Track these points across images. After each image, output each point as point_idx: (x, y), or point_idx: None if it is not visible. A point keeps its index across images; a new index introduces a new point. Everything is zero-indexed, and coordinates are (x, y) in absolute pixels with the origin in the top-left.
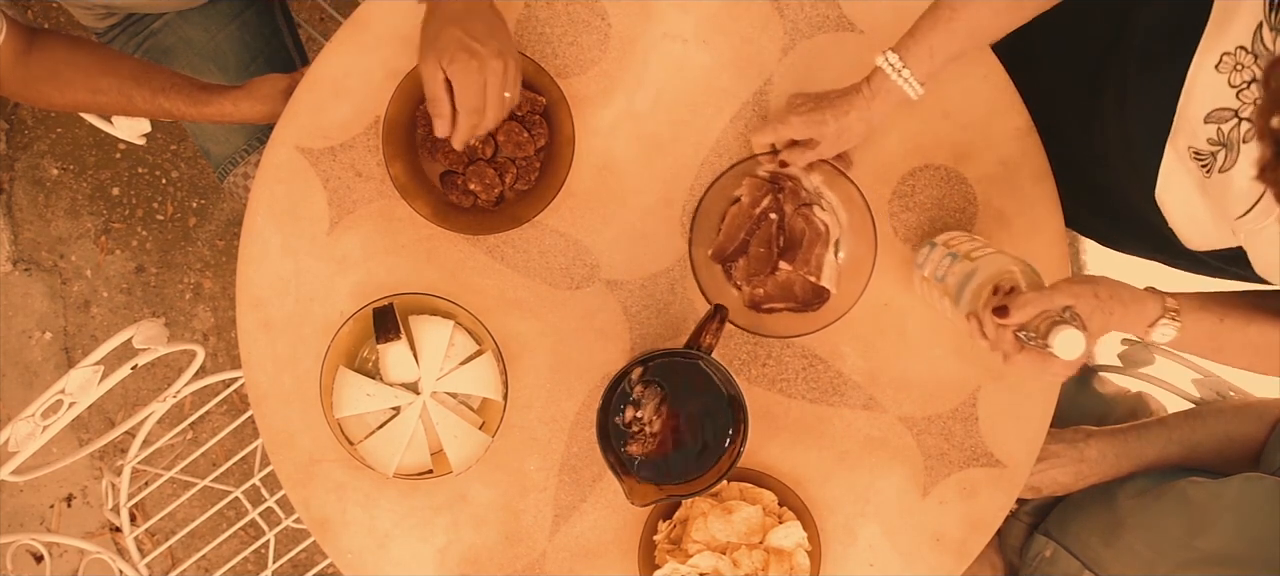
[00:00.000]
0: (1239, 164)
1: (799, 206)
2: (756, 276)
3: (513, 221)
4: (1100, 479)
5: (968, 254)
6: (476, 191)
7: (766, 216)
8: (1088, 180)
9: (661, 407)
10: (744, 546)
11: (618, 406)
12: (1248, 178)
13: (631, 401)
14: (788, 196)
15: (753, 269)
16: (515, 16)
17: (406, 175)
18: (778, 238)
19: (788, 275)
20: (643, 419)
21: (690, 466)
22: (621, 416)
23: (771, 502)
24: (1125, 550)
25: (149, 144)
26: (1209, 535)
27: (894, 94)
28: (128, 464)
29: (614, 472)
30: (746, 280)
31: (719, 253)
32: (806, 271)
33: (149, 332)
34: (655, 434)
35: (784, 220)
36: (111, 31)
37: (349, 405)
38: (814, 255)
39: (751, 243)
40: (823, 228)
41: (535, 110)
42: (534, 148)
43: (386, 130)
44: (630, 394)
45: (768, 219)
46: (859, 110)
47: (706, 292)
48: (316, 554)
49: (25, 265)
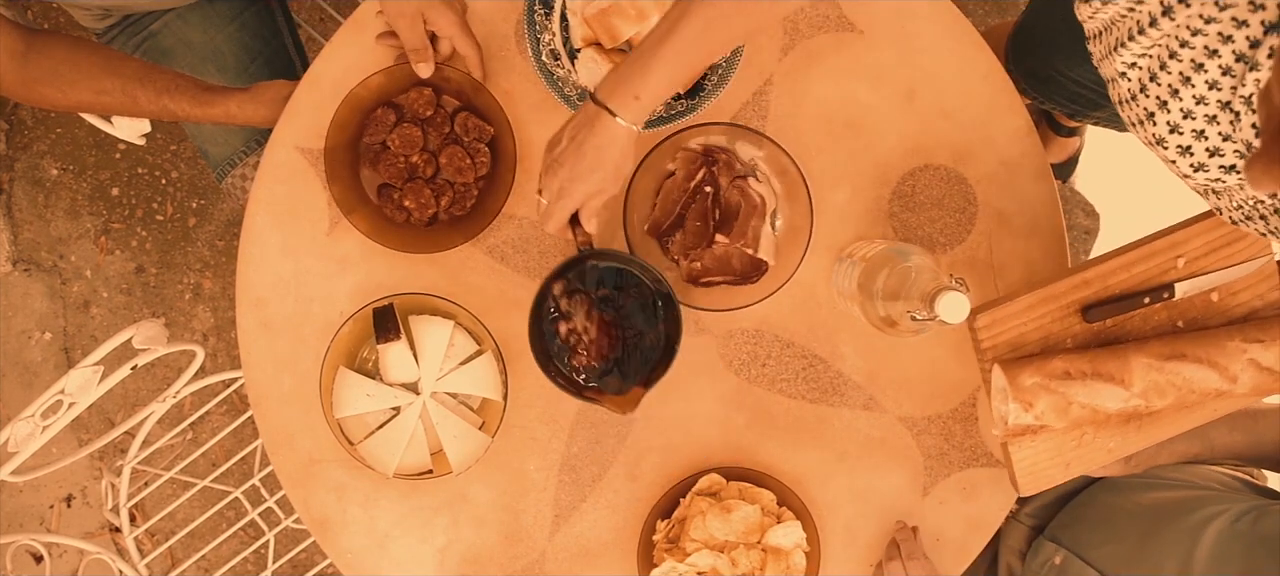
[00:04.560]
0: None
1: (734, 179)
2: (693, 250)
3: (443, 244)
4: (1176, 455)
5: (863, 256)
6: (411, 209)
7: (701, 189)
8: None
9: (592, 312)
10: (742, 545)
11: (550, 331)
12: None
13: (562, 316)
14: (722, 169)
15: (689, 243)
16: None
17: (345, 191)
18: (713, 211)
19: (725, 248)
20: (577, 329)
21: (646, 359)
22: (557, 337)
23: (770, 502)
24: (1155, 563)
25: (148, 144)
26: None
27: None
28: (127, 464)
29: (587, 399)
30: (683, 254)
31: (655, 227)
32: (743, 244)
33: (149, 333)
34: (594, 340)
35: (719, 193)
36: (110, 32)
37: (349, 405)
38: (750, 227)
39: (687, 216)
40: (758, 200)
41: (481, 138)
42: (474, 175)
43: (327, 150)
44: (557, 311)
45: (702, 192)
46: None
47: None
48: (316, 554)
49: (25, 265)
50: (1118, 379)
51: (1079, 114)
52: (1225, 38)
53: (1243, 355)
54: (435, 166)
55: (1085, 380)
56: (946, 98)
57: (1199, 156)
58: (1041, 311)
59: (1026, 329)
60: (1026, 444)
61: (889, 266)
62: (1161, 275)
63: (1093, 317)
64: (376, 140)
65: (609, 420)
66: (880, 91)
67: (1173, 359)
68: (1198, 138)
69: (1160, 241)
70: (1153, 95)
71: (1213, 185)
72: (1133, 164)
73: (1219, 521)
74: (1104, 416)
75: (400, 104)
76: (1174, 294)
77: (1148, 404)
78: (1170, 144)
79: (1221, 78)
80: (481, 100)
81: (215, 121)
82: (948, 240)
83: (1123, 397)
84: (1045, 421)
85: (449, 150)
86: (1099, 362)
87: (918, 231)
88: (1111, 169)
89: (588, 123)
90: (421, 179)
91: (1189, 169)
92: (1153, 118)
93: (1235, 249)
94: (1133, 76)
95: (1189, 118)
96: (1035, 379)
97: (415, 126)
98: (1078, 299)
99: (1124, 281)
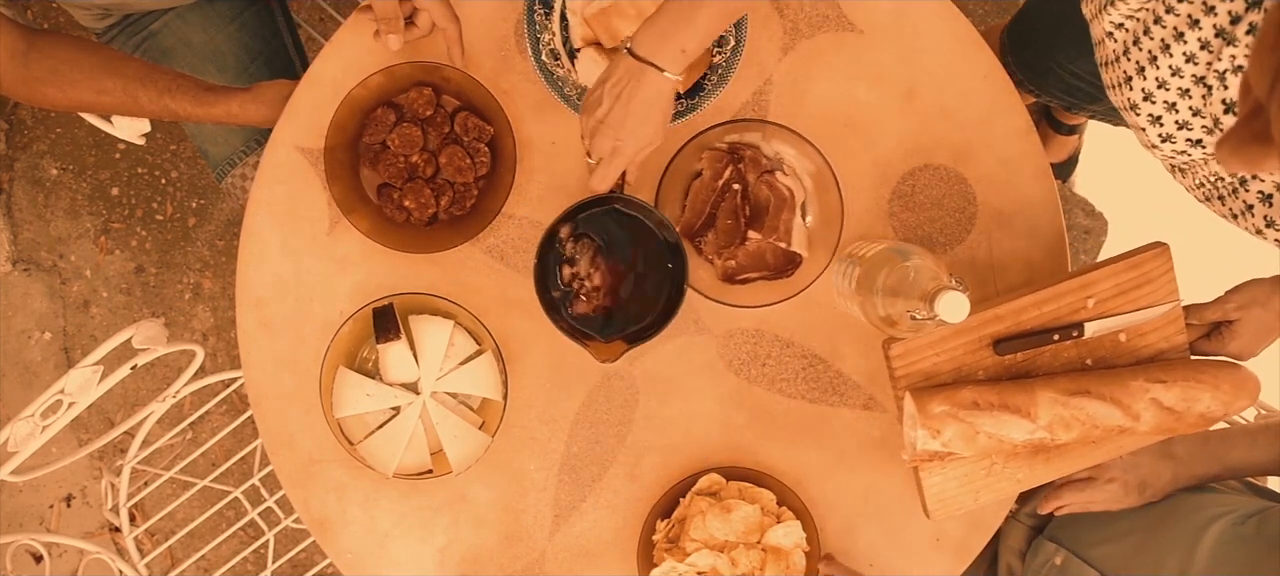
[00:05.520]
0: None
1: (761, 174)
2: (727, 248)
3: (443, 244)
4: (1195, 477)
5: (863, 256)
6: (411, 208)
7: (730, 187)
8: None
9: (598, 259)
10: (742, 545)
11: (553, 272)
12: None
13: (566, 260)
14: (749, 165)
15: (722, 241)
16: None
17: (345, 191)
18: (743, 207)
19: (758, 244)
20: (581, 274)
21: (644, 313)
22: (560, 277)
23: (770, 502)
24: (1155, 563)
25: (148, 144)
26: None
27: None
28: (127, 464)
29: (572, 338)
30: (717, 253)
31: (687, 228)
32: (776, 238)
33: (148, 333)
34: (598, 287)
35: (747, 189)
36: (110, 32)
37: (349, 405)
38: (781, 221)
39: (718, 215)
40: (787, 193)
41: (480, 138)
42: (474, 175)
43: (327, 150)
44: (563, 254)
45: (731, 189)
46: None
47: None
48: (316, 554)
49: (25, 265)
50: (1024, 411)
51: (1075, 107)
52: (1208, 8)
53: (1145, 394)
54: (435, 166)
55: (993, 411)
56: (946, 97)
57: (1168, 127)
58: (955, 343)
59: (940, 359)
60: (936, 470)
61: (889, 266)
62: (1072, 314)
63: (1003, 351)
64: (376, 140)
65: (609, 420)
66: (880, 91)
67: (1078, 394)
68: (1169, 109)
69: (1072, 281)
70: (1133, 59)
71: (1178, 160)
72: (1133, 164)
73: (1221, 522)
74: (1011, 447)
75: (400, 104)
76: (1083, 332)
77: (1053, 436)
78: (1142, 111)
79: (1199, 51)
80: (481, 99)
81: (216, 121)
82: (947, 240)
83: (1028, 429)
84: (952, 448)
85: (449, 150)
86: (1007, 395)
87: (917, 231)
88: (1112, 169)
89: (632, 78)
90: (421, 179)
91: (1157, 138)
92: (1130, 82)
93: (1143, 292)
94: (1119, 37)
95: (1162, 88)
96: (944, 407)
97: (415, 126)
98: (990, 333)
99: (1035, 318)
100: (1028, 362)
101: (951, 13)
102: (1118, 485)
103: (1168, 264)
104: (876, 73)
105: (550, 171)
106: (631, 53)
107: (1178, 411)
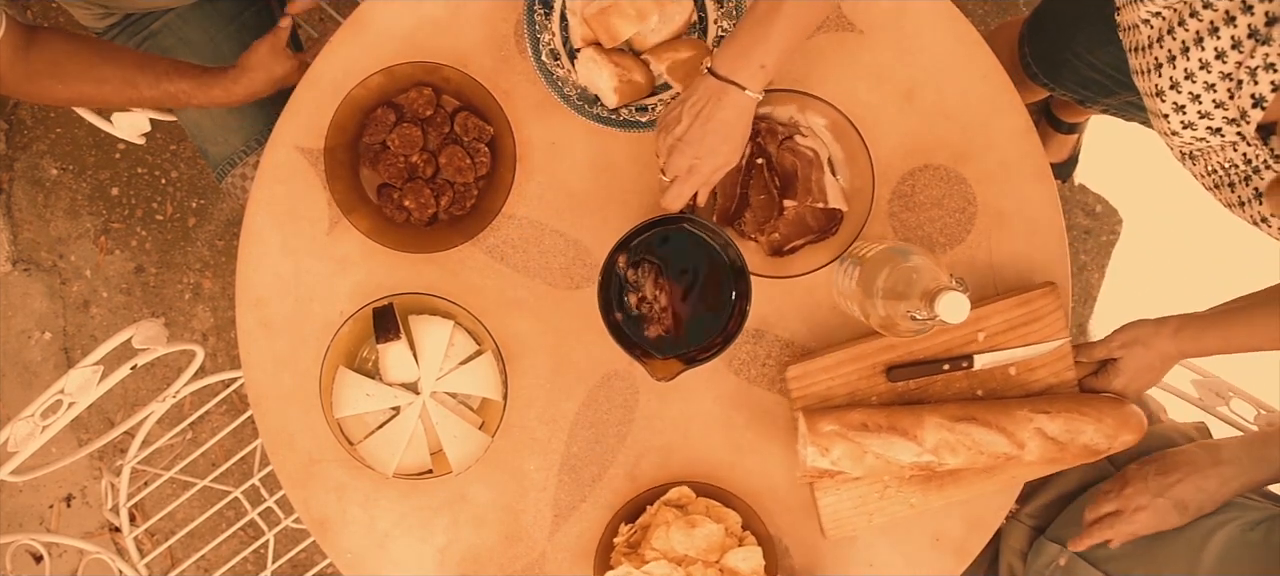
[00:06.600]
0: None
1: (782, 142)
2: (767, 223)
3: (443, 244)
4: (1246, 483)
5: (863, 256)
6: (411, 208)
7: (754, 163)
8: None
9: (661, 280)
10: (701, 562)
11: (618, 301)
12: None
13: (631, 287)
14: (767, 137)
15: (760, 217)
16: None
17: (345, 190)
18: (773, 179)
19: (796, 210)
20: (647, 298)
21: (709, 332)
22: (628, 306)
23: (735, 524)
24: (1160, 567)
25: (148, 144)
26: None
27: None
28: (127, 464)
29: (634, 357)
30: (758, 230)
31: (723, 214)
32: (811, 200)
33: (148, 333)
34: (665, 308)
35: (772, 161)
36: (110, 31)
37: (349, 405)
38: (813, 182)
39: (750, 193)
40: (811, 154)
41: (480, 138)
42: (474, 175)
43: (327, 150)
44: (626, 283)
45: (756, 165)
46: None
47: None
48: (316, 554)
49: (25, 265)
50: (911, 434)
51: (1089, 100)
52: (1247, 7)
53: (1030, 424)
54: (435, 166)
55: (881, 432)
56: (946, 98)
57: (1191, 116)
58: (850, 369)
59: (835, 383)
60: (831, 490)
61: (889, 266)
62: (963, 345)
63: (895, 378)
64: (376, 140)
65: (609, 420)
66: (880, 91)
67: (964, 420)
68: (1193, 100)
69: None
70: (1166, 47)
71: (1193, 147)
72: (1133, 164)
73: (1229, 527)
74: (900, 469)
75: (400, 104)
76: (973, 364)
77: (939, 460)
78: (1167, 98)
79: (1230, 50)
80: (481, 99)
81: (217, 103)
82: (947, 240)
83: (915, 452)
84: (841, 467)
85: (449, 150)
86: (895, 418)
87: (917, 231)
88: (1112, 169)
89: (713, 98)
90: (421, 179)
91: (1179, 125)
92: (1160, 69)
93: (1032, 329)
94: (1154, 24)
95: (1190, 78)
96: (834, 427)
97: (415, 126)
98: (884, 360)
99: (928, 348)
100: (921, 391)
101: (951, 13)
102: (1148, 513)
103: (1057, 303)
104: (876, 73)
105: (550, 171)
106: (712, 72)
107: (1062, 442)
